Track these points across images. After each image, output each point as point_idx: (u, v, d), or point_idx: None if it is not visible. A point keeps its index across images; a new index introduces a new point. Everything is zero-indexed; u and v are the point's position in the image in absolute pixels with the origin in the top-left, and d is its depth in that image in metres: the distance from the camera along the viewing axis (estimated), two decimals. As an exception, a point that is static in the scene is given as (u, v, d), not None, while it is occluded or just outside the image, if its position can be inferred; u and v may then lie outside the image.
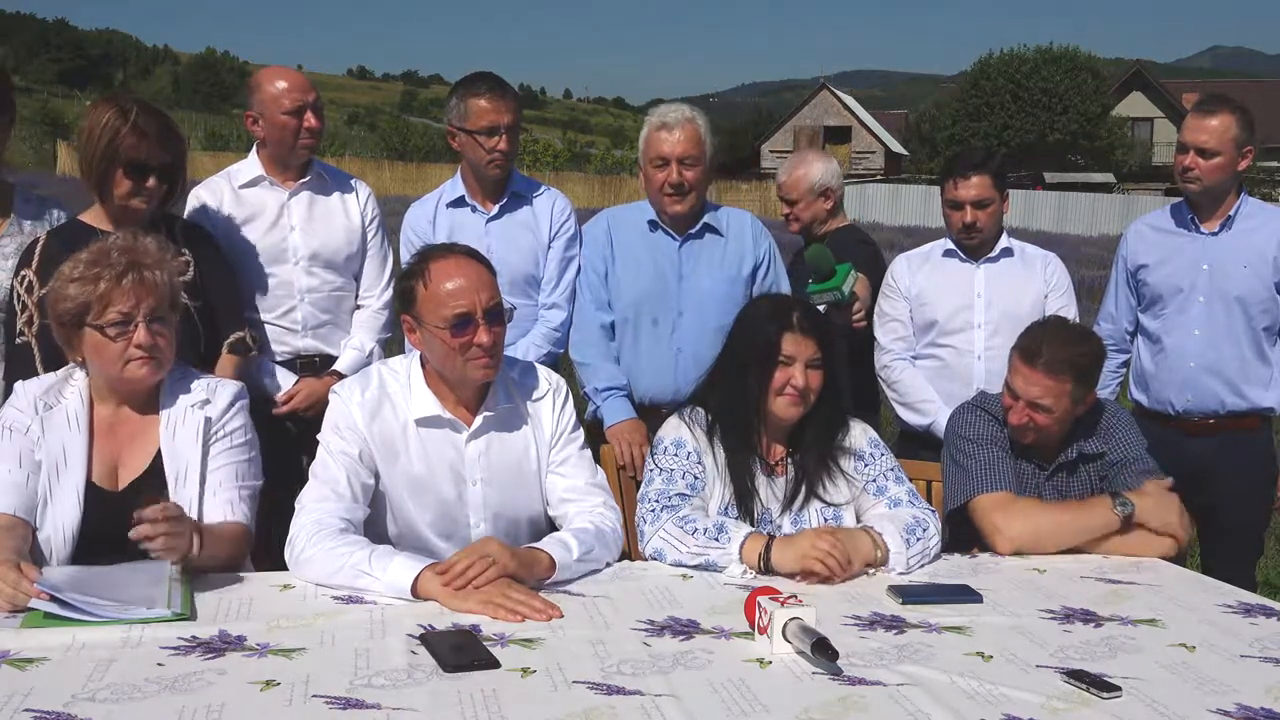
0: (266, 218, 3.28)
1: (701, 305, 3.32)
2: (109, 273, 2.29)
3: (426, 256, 2.45)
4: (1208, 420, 3.49)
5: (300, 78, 3.27)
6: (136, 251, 2.34)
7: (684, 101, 3.57)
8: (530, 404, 2.57)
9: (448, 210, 3.44)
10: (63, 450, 2.33)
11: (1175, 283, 3.51)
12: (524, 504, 2.56)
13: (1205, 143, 3.39)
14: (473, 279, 2.40)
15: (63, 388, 2.41)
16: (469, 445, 2.49)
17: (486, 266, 2.47)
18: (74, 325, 2.32)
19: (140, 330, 2.31)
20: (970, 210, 3.46)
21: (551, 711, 1.66)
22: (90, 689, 1.68)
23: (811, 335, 2.55)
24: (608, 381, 3.32)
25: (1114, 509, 2.66)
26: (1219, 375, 3.45)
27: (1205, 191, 3.45)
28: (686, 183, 3.28)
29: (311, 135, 3.24)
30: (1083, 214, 32.52)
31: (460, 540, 2.48)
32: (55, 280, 2.35)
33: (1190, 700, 1.78)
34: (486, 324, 2.38)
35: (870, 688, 1.78)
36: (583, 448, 2.62)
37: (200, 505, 2.37)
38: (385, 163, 36.91)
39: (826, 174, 4.03)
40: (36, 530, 2.29)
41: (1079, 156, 42.42)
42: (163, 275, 2.35)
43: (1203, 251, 3.49)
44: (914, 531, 2.49)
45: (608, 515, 2.50)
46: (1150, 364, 3.59)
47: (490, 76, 3.37)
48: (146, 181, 2.79)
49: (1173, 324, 3.52)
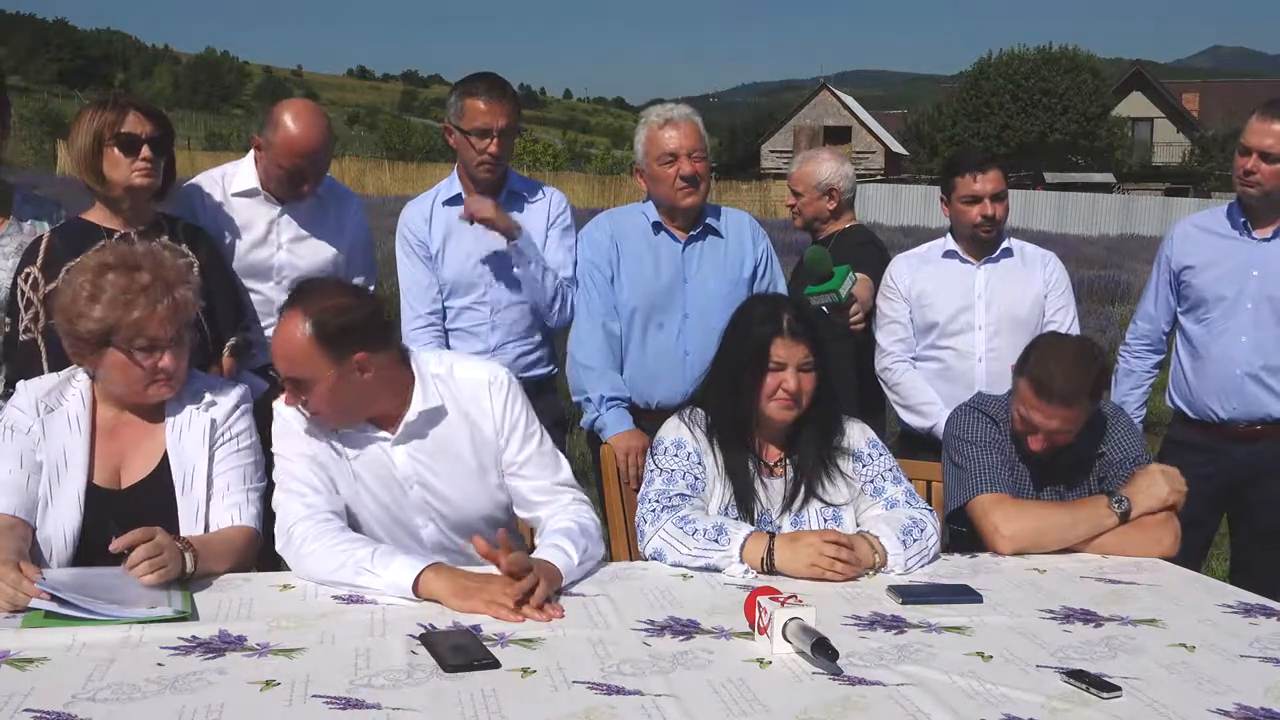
0: (254, 233, 3.21)
1: (706, 307, 3.31)
2: (142, 298, 2.27)
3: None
4: (1254, 427, 3.41)
5: (314, 139, 3.06)
6: (162, 268, 2.32)
7: (683, 102, 3.57)
8: (462, 399, 2.49)
9: (444, 208, 3.43)
10: (63, 453, 2.33)
11: (1222, 287, 3.43)
12: (473, 502, 2.51)
13: (1271, 147, 3.30)
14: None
15: (64, 389, 2.40)
16: (396, 450, 2.45)
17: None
18: (96, 344, 2.30)
19: (167, 356, 2.31)
20: (989, 203, 3.46)
21: (551, 711, 1.66)
22: (90, 689, 1.68)
23: (803, 339, 2.54)
24: (612, 391, 3.31)
25: (1110, 507, 2.66)
26: (1264, 383, 3.39)
27: (1264, 197, 3.36)
28: (698, 174, 3.29)
29: (303, 192, 3.16)
30: (1082, 214, 32.53)
31: (412, 543, 2.45)
32: (70, 296, 2.31)
33: (1190, 700, 1.78)
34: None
35: (870, 688, 1.78)
36: (542, 443, 2.55)
37: (207, 508, 2.38)
38: (385, 163, 36.93)
39: (834, 174, 4.02)
40: (36, 531, 2.29)
41: (1079, 156, 42.43)
42: (188, 292, 2.35)
43: (1253, 257, 3.41)
44: (910, 532, 2.49)
45: (582, 510, 2.49)
46: (1191, 370, 3.51)
47: (491, 78, 3.34)
48: (140, 153, 2.79)
49: (1218, 329, 3.44)
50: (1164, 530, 2.68)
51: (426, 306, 3.42)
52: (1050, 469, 2.83)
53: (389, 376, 2.39)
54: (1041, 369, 2.68)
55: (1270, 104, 3.38)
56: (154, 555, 2.08)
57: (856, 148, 46.82)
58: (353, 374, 2.32)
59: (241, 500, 2.41)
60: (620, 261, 3.37)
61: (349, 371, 2.31)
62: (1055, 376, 2.65)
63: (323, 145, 3.10)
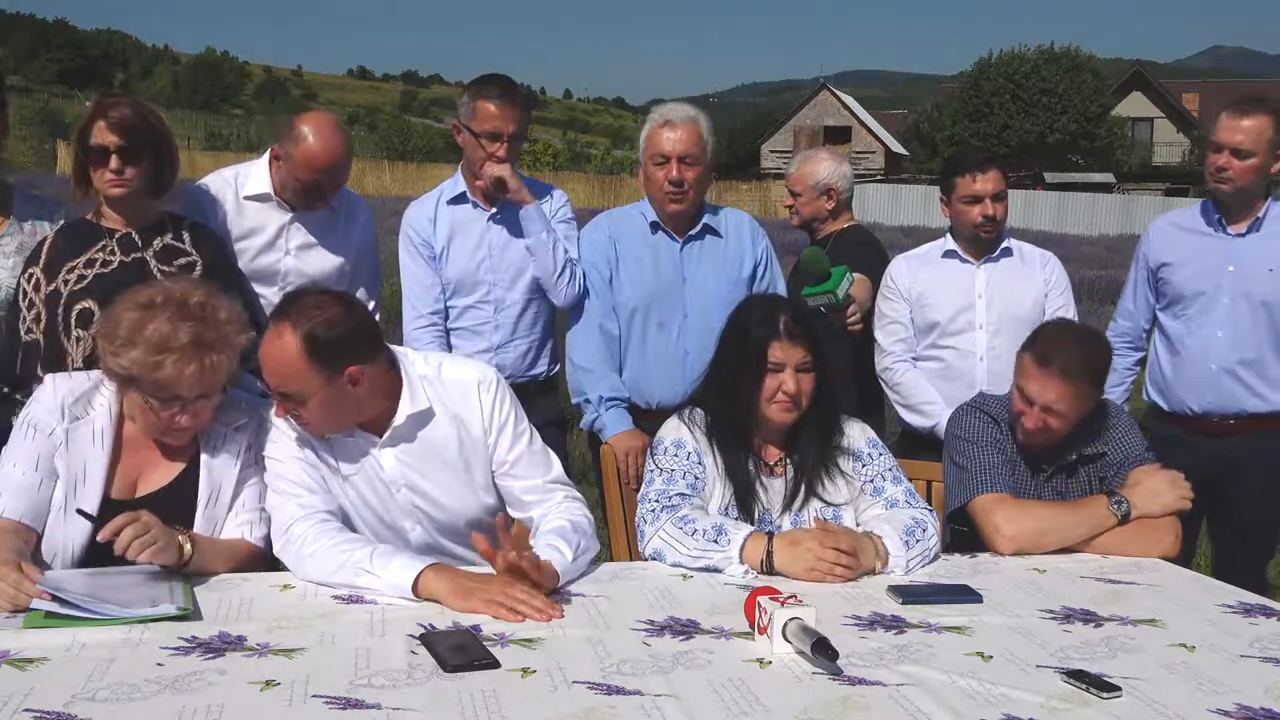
0: (264, 236, 3.21)
1: (706, 307, 3.31)
2: (171, 359, 2.21)
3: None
4: (1228, 421, 3.46)
5: (334, 155, 3.07)
6: (208, 328, 2.26)
7: (685, 101, 3.56)
8: (450, 400, 2.49)
9: (448, 207, 3.43)
10: (84, 466, 2.31)
11: (1199, 283, 3.47)
12: (461, 502, 2.51)
13: (1240, 143, 3.34)
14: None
15: (93, 396, 2.38)
16: (383, 452, 2.45)
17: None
18: (122, 382, 2.29)
19: (185, 416, 2.29)
20: (989, 203, 3.47)
21: (551, 711, 1.66)
22: (90, 689, 1.68)
23: (800, 340, 2.54)
24: (611, 391, 3.31)
25: (1111, 508, 2.66)
26: (1239, 377, 3.42)
27: (1237, 193, 3.41)
28: (686, 181, 3.27)
29: (318, 205, 3.17)
30: (1082, 214, 32.52)
31: (400, 545, 2.44)
32: (111, 325, 2.26)
33: (1190, 700, 1.78)
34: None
35: (870, 688, 1.78)
36: (532, 442, 2.55)
37: (223, 525, 2.38)
38: (386, 163, 36.93)
39: (832, 174, 4.02)
40: (43, 538, 2.27)
41: (1079, 156, 42.44)
42: (225, 358, 2.28)
43: (1228, 253, 3.45)
44: (913, 533, 2.49)
45: (575, 507, 2.49)
46: (1169, 364, 3.56)
47: (504, 81, 3.33)
48: (109, 164, 2.77)
49: (1195, 325, 3.48)
50: (1165, 531, 2.68)
51: (429, 306, 3.42)
52: (1051, 469, 2.83)
53: (380, 384, 2.39)
54: (1045, 342, 2.73)
55: (1239, 101, 3.43)
56: (142, 534, 2.07)
57: (856, 148, 46.84)
58: (345, 387, 2.31)
59: (254, 519, 2.40)
60: (619, 262, 3.37)
61: (342, 385, 2.31)
62: (1057, 348, 2.69)
63: (343, 161, 3.11)
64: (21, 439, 2.30)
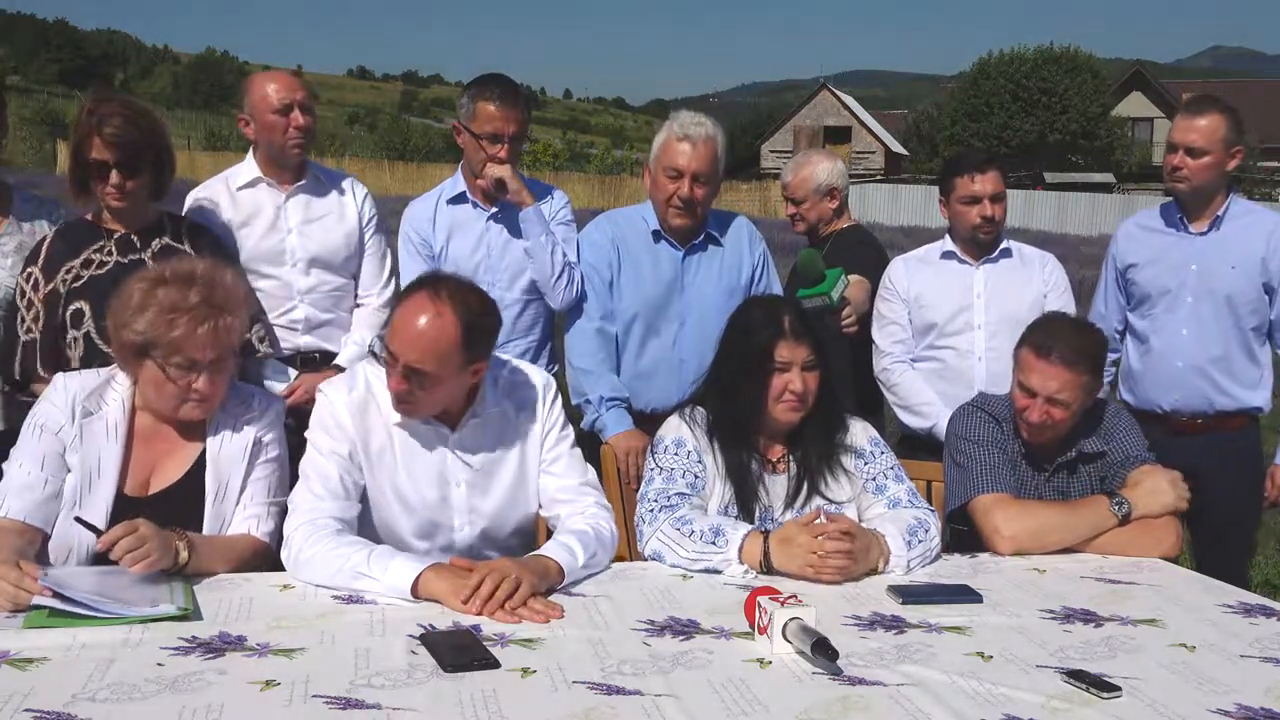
0: (264, 219, 3.28)
1: (703, 315, 3.31)
2: (186, 317, 2.25)
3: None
4: (1195, 420, 3.49)
5: (289, 78, 3.29)
6: (215, 290, 2.31)
7: (683, 102, 3.55)
8: (519, 404, 2.54)
9: (448, 207, 3.44)
10: (98, 460, 2.31)
11: (1163, 282, 3.51)
12: (510, 508, 2.53)
13: (1194, 142, 3.39)
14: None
15: (105, 391, 2.38)
16: (454, 448, 2.47)
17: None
18: (135, 354, 2.30)
19: (203, 379, 2.30)
20: (989, 204, 3.48)
21: (551, 711, 1.66)
22: (90, 689, 1.68)
23: (804, 339, 2.55)
24: (611, 392, 3.31)
25: (1111, 509, 2.66)
26: (1207, 375, 3.45)
27: (1194, 191, 3.45)
28: (696, 200, 3.27)
29: (301, 133, 3.23)
30: (1082, 214, 32.49)
31: (443, 543, 2.47)
32: (122, 302, 2.30)
33: (1190, 700, 1.78)
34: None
35: (870, 688, 1.79)
36: (573, 446, 2.59)
37: (232, 520, 2.38)
38: (385, 163, 36.89)
39: (832, 174, 4.02)
40: (51, 537, 2.28)
41: (1079, 156, 42.41)
42: (237, 321, 2.33)
43: (1191, 252, 3.49)
44: (915, 533, 2.49)
45: (602, 515, 2.49)
46: (1138, 363, 3.59)
47: (505, 82, 3.34)
48: (110, 179, 2.78)
49: (1161, 323, 3.52)
50: (1166, 531, 2.69)
51: None
52: (1053, 467, 2.83)
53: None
54: (1042, 334, 2.76)
55: (1193, 100, 3.48)
56: (136, 547, 2.08)
57: (856, 148, 46.83)
58: (468, 378, 2.35)
59: (261, 513, 2.41)
60: (621, 267, 3.37)
61: (467, 375, 2.34)
62: (1055, 338, 2.71)
63: (292, 78, 3.29)
64: (30, 438, 2.31)
